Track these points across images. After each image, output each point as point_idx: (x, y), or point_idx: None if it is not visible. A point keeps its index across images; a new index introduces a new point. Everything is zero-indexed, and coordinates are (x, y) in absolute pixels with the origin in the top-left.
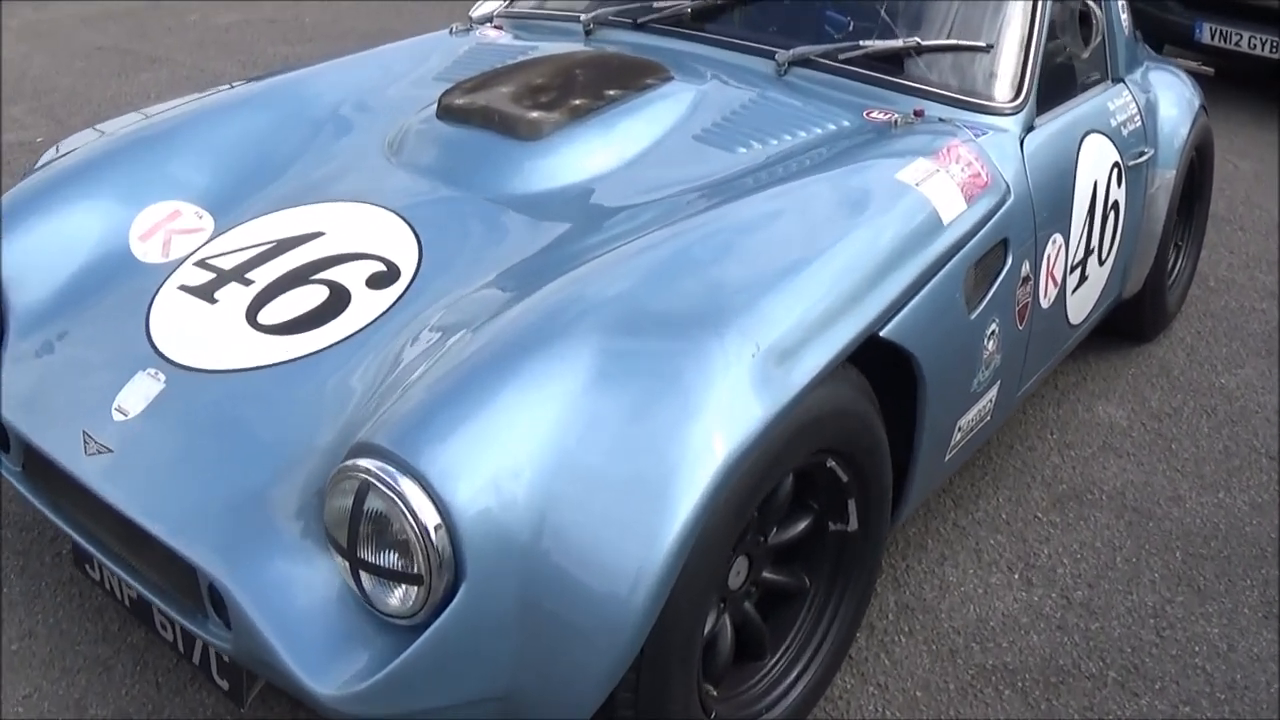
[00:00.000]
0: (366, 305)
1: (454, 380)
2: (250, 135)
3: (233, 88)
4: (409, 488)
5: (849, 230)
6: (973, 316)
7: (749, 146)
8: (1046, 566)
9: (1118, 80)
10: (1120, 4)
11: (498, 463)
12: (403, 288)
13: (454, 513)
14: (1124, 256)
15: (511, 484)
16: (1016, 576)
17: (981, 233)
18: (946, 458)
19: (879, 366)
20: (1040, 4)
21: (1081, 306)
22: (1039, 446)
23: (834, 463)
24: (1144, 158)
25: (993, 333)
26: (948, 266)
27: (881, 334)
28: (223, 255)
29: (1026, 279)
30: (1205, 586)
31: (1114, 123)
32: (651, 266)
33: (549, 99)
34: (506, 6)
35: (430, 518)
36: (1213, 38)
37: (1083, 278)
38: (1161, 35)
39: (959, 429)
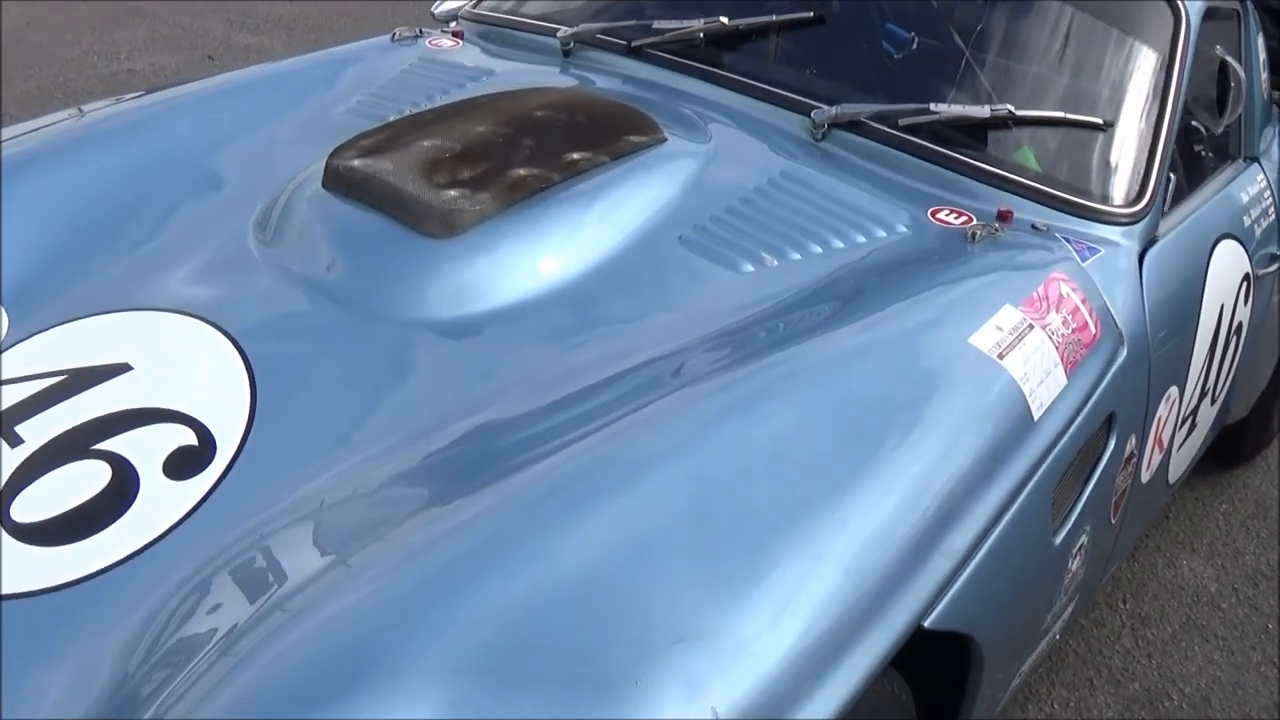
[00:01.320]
0: (154, 508)
1: None
2: (89, 189)
3: (83, 113)
4: None
5: (885, 456)
6: (1058, 540)
7: (758, 263)
8: None
9: (1251, 159)
10: (1262, 59)
11: None
12: (210, 482)
13: None
14: (1237, 385)
15: None
16: None
17: (1083, 414)
18: (999, 708)
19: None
20: (1179, 64)
21: (1184, 460)
22: (1109, 620)
23: None
24: (1276, 265)
25: (1081, 547)
26: (1032, 483)
27: (927, 625)
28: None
29: (1130, 457)
30: None
31: (1247, 221)
32: (559, 529)
33: (480, 169)
34: (472, 6)
35: None
36: None
37: (1191, 428)
38: None
39: (1020, 675)
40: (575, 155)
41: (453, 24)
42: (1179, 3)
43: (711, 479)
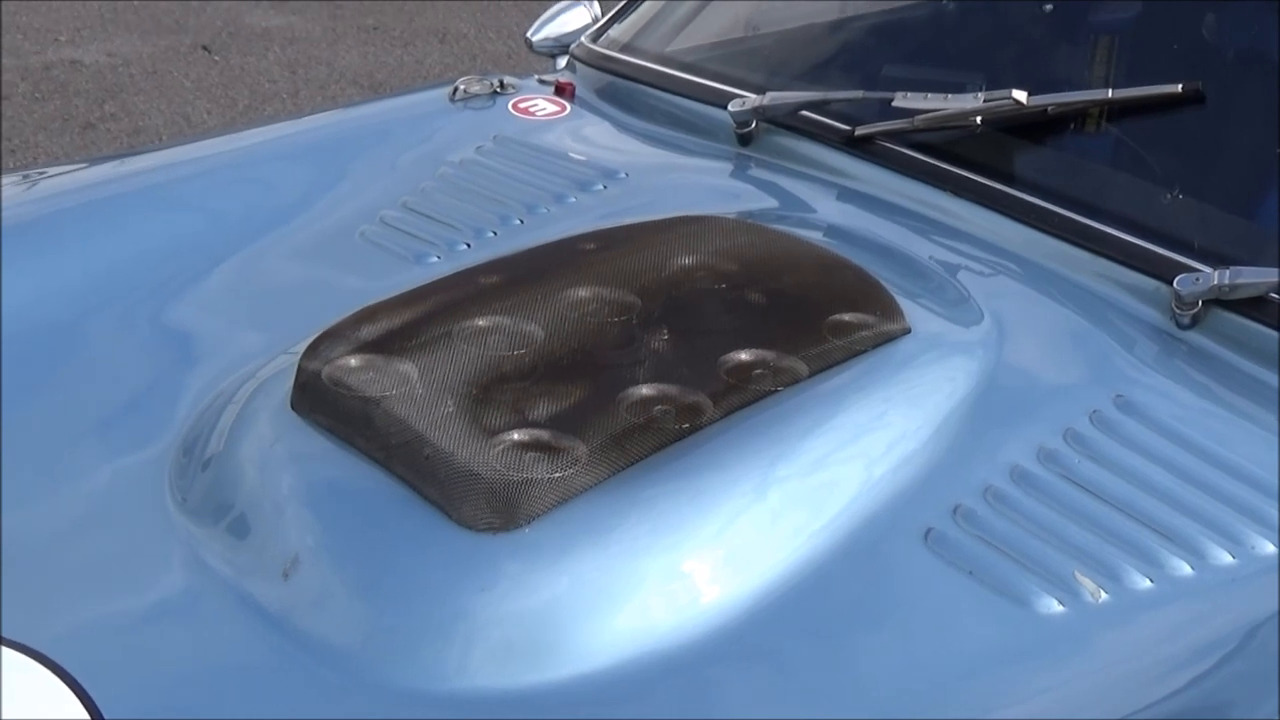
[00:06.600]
0: None
1: None
2: None
3: None
4: None
5: None
6: None
7: (1069, 593)
8: None
9: None
10: None
11: None
12: None
13: None
14: None
15: None
16: None
17: None
18: None
19: None
20: None
21: None
22: None
23: None
24: None
25: None
26: None
27: None
28: None
29: None
30: None
31: None
32: None
33: (571, 393)
34: (591, 38)
35: None
36: None
37: None
38: None
39: None
40: (745, 359)
41: (560, 63)
42: None
43: None
